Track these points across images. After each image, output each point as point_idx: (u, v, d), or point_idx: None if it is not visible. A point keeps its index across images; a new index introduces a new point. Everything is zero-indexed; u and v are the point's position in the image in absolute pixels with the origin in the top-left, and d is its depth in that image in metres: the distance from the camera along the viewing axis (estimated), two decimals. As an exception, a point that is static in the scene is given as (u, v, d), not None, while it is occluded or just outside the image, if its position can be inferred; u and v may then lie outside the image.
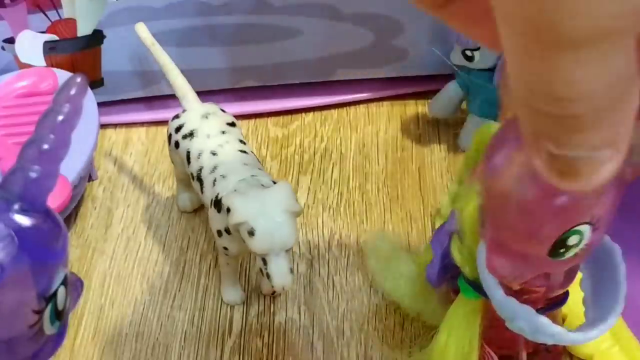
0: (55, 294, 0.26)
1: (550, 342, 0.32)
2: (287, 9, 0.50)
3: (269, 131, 0.54)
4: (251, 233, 0.34)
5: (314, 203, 0.48)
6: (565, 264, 0.29)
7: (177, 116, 0.43)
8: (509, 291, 0.31)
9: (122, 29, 0.47)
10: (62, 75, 0.48)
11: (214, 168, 0.39)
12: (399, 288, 0.40)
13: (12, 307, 0.24)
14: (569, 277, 0.33)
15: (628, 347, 0.39)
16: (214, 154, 0.40)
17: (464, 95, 0.50)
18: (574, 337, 0.32)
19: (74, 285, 0.29)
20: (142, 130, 0.54)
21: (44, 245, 0.25)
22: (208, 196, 0.39)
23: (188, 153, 0.41)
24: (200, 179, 0.40)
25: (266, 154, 0.52)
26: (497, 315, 0.33)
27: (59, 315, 0.27)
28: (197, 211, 0.48)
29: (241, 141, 0.41)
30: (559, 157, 0.19)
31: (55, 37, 0.50)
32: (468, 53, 0.46)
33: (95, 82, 0.52)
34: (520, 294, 0.32)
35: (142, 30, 0.44)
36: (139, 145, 0.53)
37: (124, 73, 0.52)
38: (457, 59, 0.47)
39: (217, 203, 0.38)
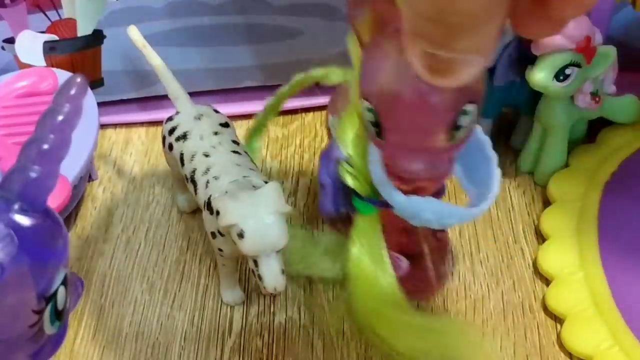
0: (55, 294, 0.26)
1: (454, 223, 0.36)
2: (287, 9, 0.50)
3: (269, 131, 0.54)
4: (241, 235, 0.34)
5: (313, 203, 0.48)
6: (459, 145, 0.33)
7: (170, 118, 0.43)
8: (404, 191, 0.35)
9: (122, 29, 0.46)
10: (62, 75, 0.48)
11: (207, 170, 0.39)
12: (302, 257, 0.42)
13: (12, 306, 0.24)
14: (450, 164, 0.36)
15: (628, 348, 0.39)
16: (206, 155, 0.40)
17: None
18: (474, 212, 0.36)
19: (74, 285, 0.29)
20: (142, 130, 0.54)
21: (44, 245, 0.25)
22: (201, 198, 0.39)
23: (182, 155, 0.41)
24: (194, 181, 0.40)
25: (266, 154, 0.52)
26: (393, 223, 0.37)
27: (59, 315, 0.27)
28: (197, 211, 0.48)
29: (234, 142, 0.41)
30: (433, 56, 0.23)
31: (55, 37, 0.50)
32: (468, 53, 0.46)
33: (95, 82, 0.52)
34: (411, 191, 0.35)
35: (134, 32, 0.45)
36: (139, 145, 0.53)
37: (124, 73, 0.52)
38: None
39: (209, 205, 0.38)
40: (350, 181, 0.37)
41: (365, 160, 0.36)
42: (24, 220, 0.25)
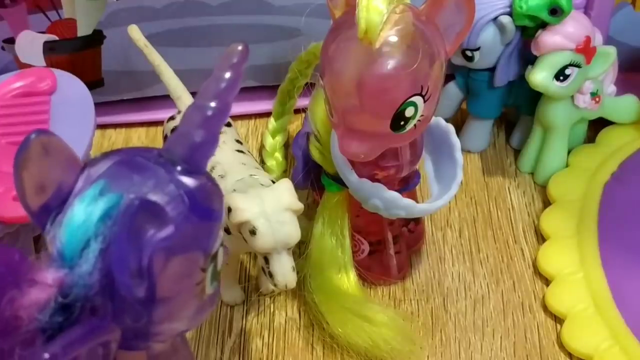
0: (216, 254, 0.27)
1: (402, 214, 0.37)
2: (287, 9, 0.50)
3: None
4: (253, 232, 0.34)
5: (314, 203, 0.48)
6: (408, 136, 0.34)
7: (172, 117, 0.43)
8: (363, 175, 0.36)
9: (122, 29, 0.46)
10: (61, 75, 0.48)
11: (212, 168, 0.39)
12: None
13: (184, 265, 0.25)
14: (415, 155, 0.37)
15: (628, 348, 0.39)
16: None
17: (463, 95, 0.50)
18: (422, 208, 0.37)
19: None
20: (142, 130, 0.54)
21: (208, 205, 0.26)
22: None
23: None
24: None
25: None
26: (360, 206, 0.38)
27: (216, 276, 0.28)
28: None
29: (238, 141, 0.42)
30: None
31: (55, 37, 0.50)
32: (468, 53, 0.46)
33: (95, 82, 0.52)
34: (374, 176, 0.37)
35: (135, 32, 0.45)
36: (139, 146, 0.53)
37: (124, 73, 0.52)
38: (457, 59, 0.47)
39: (216, 203, 0.38)
40: (316, 156, 0.39)
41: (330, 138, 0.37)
42: (189, 181, 0.25)
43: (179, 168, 0.26)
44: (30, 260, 0.25)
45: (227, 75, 0.26)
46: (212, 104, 0.26)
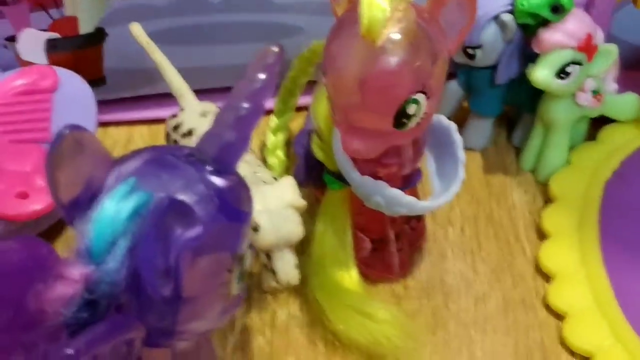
0: (243, 255, 0.27)
1: (404, 212, 0.37)
2: (287, 7, 0.50)
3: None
4: (255, 229, 0.34)
5: (315, 200, 0.48)
6: (410, 134, 0.34)
7: (174, 115, 0.43)
8: (365, 172, 0.36)
9: (124, 27, 0.47)
10: (63, 73, 0.48)
11: None
12: None
13: (210, 265, 0.25)
14: (417, 152, 0.37)
15: (629, 346, 0.39)
16: None
17: (464, 94, 0.50)
18: (424, 205, 0.38)
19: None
20: (144, 128, 0.54)
21: (237, 206, 0.26)
22: None
23: None
24: None
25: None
26: (362, 204, 0.38)
27: (243, 277, 0.28)
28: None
29: None
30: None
31: (57, 35, 0.50)
32: (470, 51, 0.46)
33: (97, 80, 0.52)
34: (376, 174, 0.37)
35: (137, 29, 0.45)
36: (141, 143, 0.53)
37: (126, 71, 0.52)
38: (458, 57, 0.47)
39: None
40: (319, 154, 0.39)
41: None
42: (219, 181, 0.25)
43: (209, 168, 0.26)
44: (57, 255, 0.25)
45: (261, 76, 0.26)
46: (245, 105, 0.26)
